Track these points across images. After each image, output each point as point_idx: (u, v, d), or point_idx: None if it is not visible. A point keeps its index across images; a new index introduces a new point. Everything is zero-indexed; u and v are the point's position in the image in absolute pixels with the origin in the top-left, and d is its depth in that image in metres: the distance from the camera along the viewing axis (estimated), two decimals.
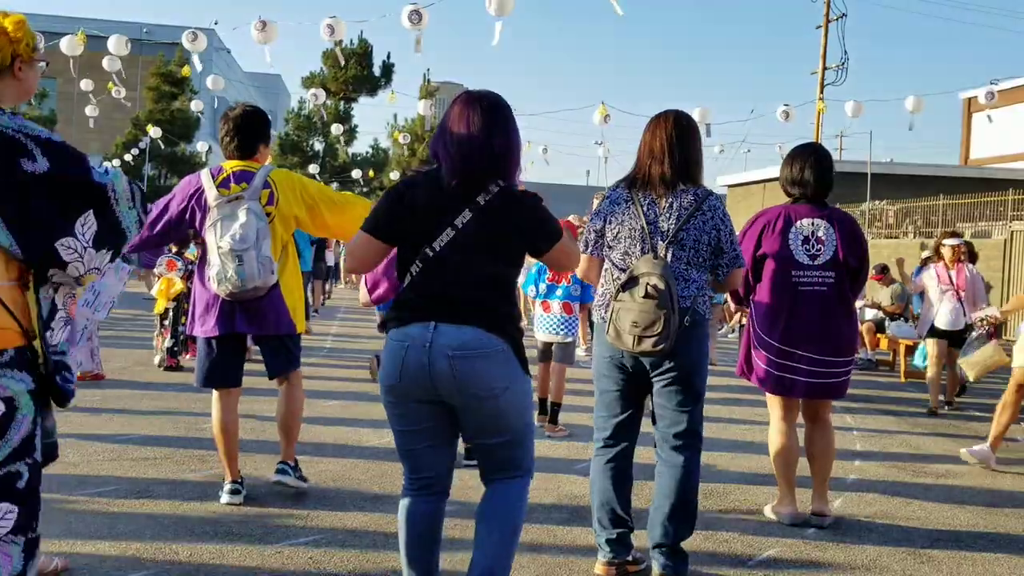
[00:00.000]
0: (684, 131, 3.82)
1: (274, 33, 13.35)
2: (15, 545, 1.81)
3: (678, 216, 3.74)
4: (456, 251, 2.92)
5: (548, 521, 4.51)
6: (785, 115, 18.34)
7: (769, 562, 4.14)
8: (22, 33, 2.79)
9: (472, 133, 2.93)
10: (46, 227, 1.79)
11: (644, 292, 3.63)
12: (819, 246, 4.54)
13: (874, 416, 8.27)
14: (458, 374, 2.88)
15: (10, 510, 1.80)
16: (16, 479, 1.81)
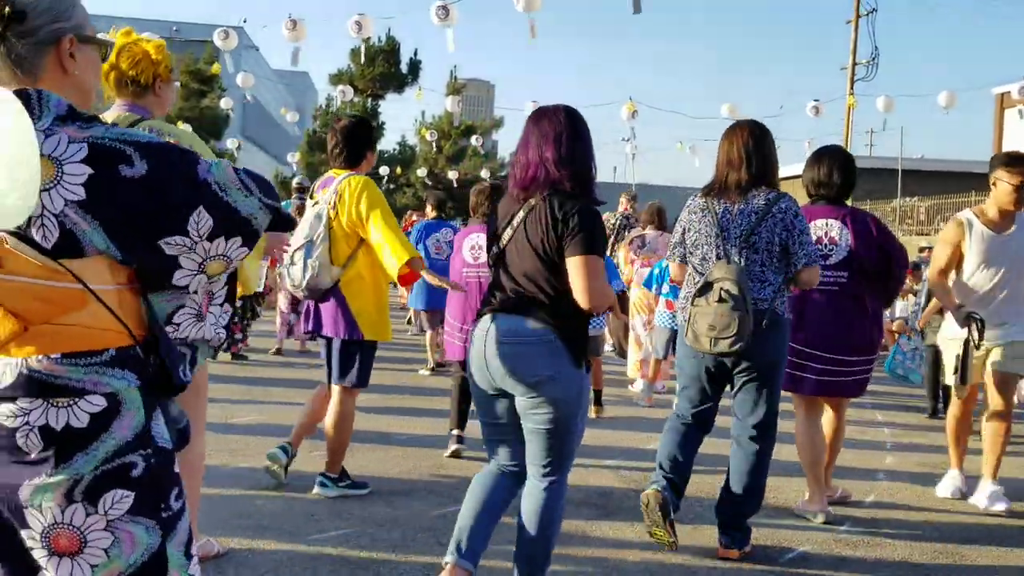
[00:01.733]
0: (759, 139, 4.06)
1: (304, 32, 13.42)
2: (137, 524, 1.91)
3: (749, 221, 3.95)
4: (514, 248, 3.19)
5: (577, 516, 4.51)
6: (815, 111, 18.21)
7: (800, 559, 4.12)
8: (162, 56, 3.30)
9: (530, 148, 3.17)
10: (146, 227, 1.86)
11: (718, 297, 3.85)
12: (832, 246, 4.63)
13: (904, 413, 8.20)
14: (506, 359, 3.09)
15: (125, 495, 1.90)
16: (131, 468, 1.90)
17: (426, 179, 35.63)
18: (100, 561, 1.88)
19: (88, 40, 2.01)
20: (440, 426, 6.60)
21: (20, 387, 1.83)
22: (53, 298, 1.85)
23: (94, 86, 2.07)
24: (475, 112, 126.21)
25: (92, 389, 1.86)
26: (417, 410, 7.18)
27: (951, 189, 24.17)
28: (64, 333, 1.86)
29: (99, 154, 1.84)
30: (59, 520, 1.85)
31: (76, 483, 1.85)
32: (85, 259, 1.86)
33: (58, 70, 1.96)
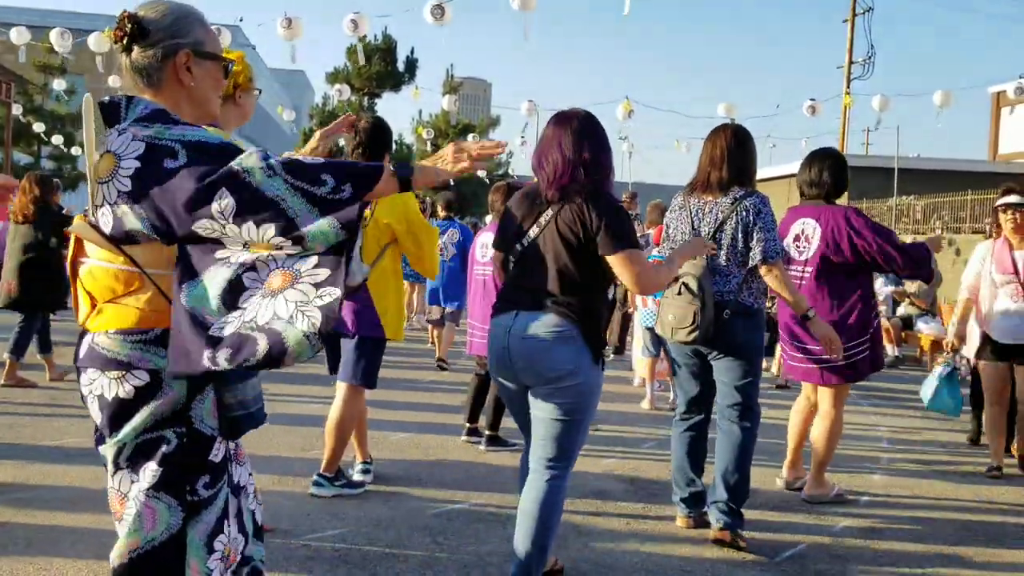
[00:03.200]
0: (741, 142, 4.26)
1: (299, 30, 13.39)
2: (159, 501, 2.05)
3: (715, 218, 4.19)
4: (538, 247, 3.29)
5: (572, 512, 4.50)
6: (811, 110, 18.21)
7: (797, 556, 4.12)
8: (241, 67, 3.32)
9: (564, 152, 3.27)
10: (183, 212, 1.97)
11: (678, 290, 4.10)
12: (806, 243, 4.90)
13: (900, 414, 8.20)
14: (529, 353, 3.21)
15: (154, 469, 2.05)
16: (162, 443, 2.06)
17: None
18: (129, 527, 2.06)
19: (206, 56, 2.20)
20: (435, 422, 6.61)
21: (88, 359, 2.07)
22: (115, 279, 2.07)
23: (213, 98, 2.25)
24: (472, 111, 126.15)
25: (137, 364, 2.04)
26: (413, 404, 7.16)
27: (947, 188, 24.15)
28: (120, 312, 2.06)
29: (152, 150, 2.00)
30: (112, 484, 2.09)
31: (120, 450, 2.07)
32: (140, 245, 2.05)
33: (176, 82, 2.16)
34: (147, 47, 2.13)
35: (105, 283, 2.08)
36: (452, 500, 4.78)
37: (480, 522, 4.42)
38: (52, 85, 29.35)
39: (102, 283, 2.08)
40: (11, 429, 5.92)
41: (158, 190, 1.98)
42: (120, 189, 2.00)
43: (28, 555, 3.68)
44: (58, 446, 5.48)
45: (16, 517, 4.15)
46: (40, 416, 6.39)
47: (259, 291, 1.97)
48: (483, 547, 4.06)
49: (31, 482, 4.71)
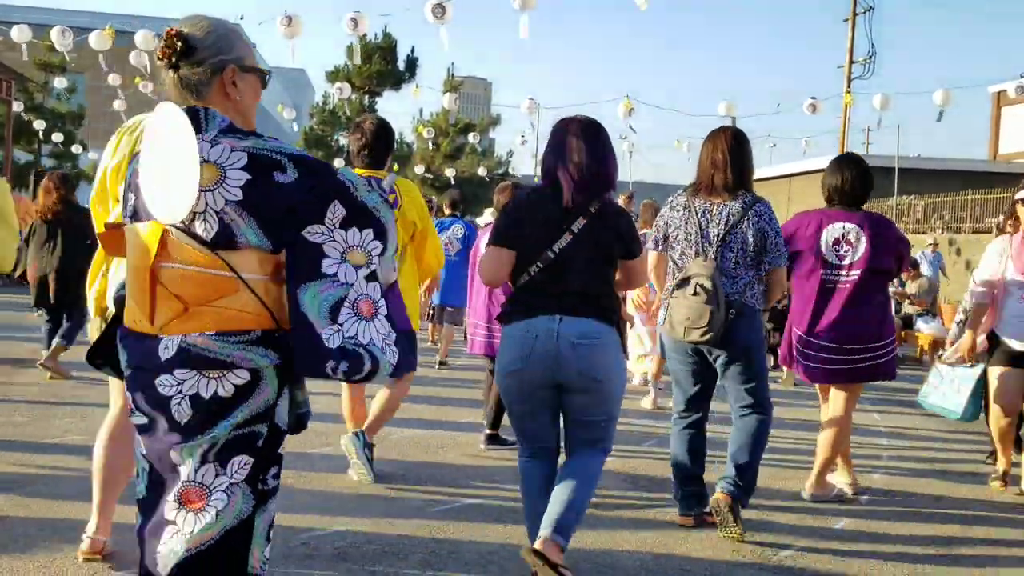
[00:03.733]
0: (741, 144, 4.37)
1: (299, 28, 13.39)
2: (240, 490, 2.17)
3: (726, 221, 4.28)
4: (574, 252, 3.45)
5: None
6: (812, 109, 18.18)
7: (795, 556, 4.13)
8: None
9: (591, 159, 3.48)
10: (294, 220, 2.15)
11: (693, 290, 4.18)
12: (848, 248, 4.91)
13: (901, 414, 8.21)
14: (580, 359, 3.39)
15: (247, 461, 2.17)
16: (256, 438, 2.19)
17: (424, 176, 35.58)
18: (209, 520, 2.15)
19: (248, 69, 2.34)
20: (435, 419, 6.61)
21: (178, 360, 2.12)
22: (206, 283, 2.14)
23: (253, 109, 2.40)
24: (472, 110, 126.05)
25: (240, 363, 2.13)
26: (413, 402, 7.17)
27: (948, 187, 24.18)
28: (219, 314, 2.14)
29: (256, 162, 2.15)
30: (192, 478, 2.15)
31: (213, 446, 2.15)
32: (238, 251, 2.15)
33: (222, 95, 2.29)
34: (195, 64, 2.26)
35: (200, 287, 2.15)
36: (452, 498, 4.79)
37: (480, 520, 4.42)
38: (53, 83, 29.33)
39: (197, 287, 2.15)
40: (14, 427, 5.93)
41: (271, 201, 2.14)
42: (228, 198, 2.12)
43: (29, 553, 3.69)
44: (60, 443, 5.49)
45: (17, 513, 4.15)
46: (42, 413, 6.39)
47: (351, 312, 2.18)
48: (483, 545, 4.07)
49: (33, 478, 4.71)
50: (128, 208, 2.34)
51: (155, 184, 2.18)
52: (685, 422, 4.49)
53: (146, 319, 2.17)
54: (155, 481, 2.24)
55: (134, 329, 2.22)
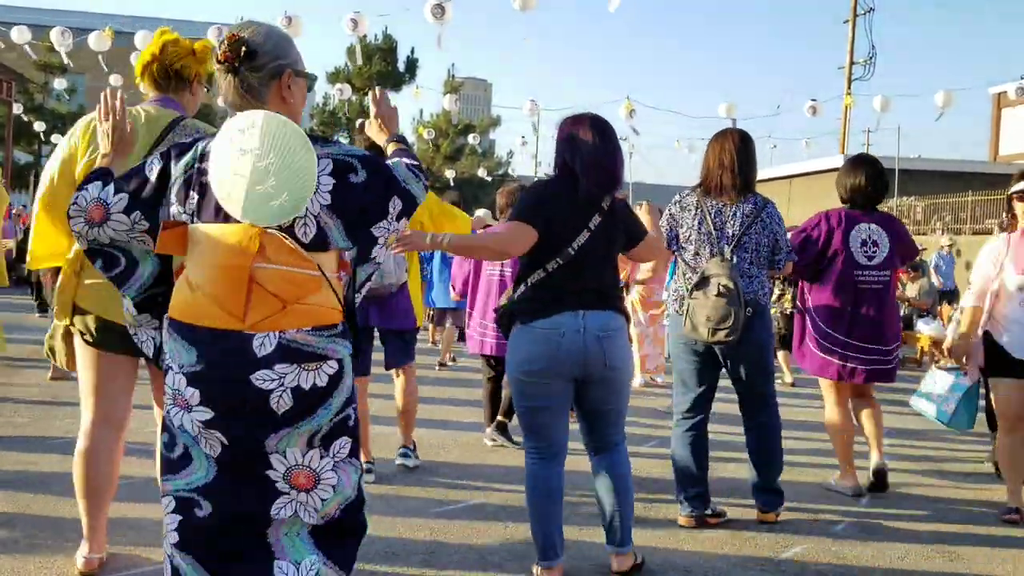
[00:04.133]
0: (746, 145, 4.46)
1: (299, 29, 13.38)
2: (350, 464, 2.42)
3: (741, 222, 4.38)
4: (591, 249, 3.53)
5: (572, 514, 4.50)
6: (812, 110, 18.20)
7: (797, 557, 4.12)
8: (206, 57, 3.47)
9: (605, 154, 3.56)
10: (366, 218, 2.39)
11: (717, 291, 4.23)
12: (875, 248, 5.04)
13: (901, 415, 8.20)
14: (606, 351, 3.52)
15: (346, 442, 2.40)
16: (349, 420, 2.41)
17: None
18: (328, 495, 2.37)
19: (300, 74, 2.46)
20: (435, 418, 6.61)
21: (278, 355, 2.25)
22: (301, 282, 2.29)
23: (301, 111, 2.50)
24: (472, 111, 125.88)
25: (331, 355, 2.32)
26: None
27: (948, 189, 24.16)
28: (312, 311, 2.31)
29: (337, 167, 2.33)
30: (299, 462, 2.32)
31: (316, 432, 2.32)
32: (326, 252, 2.35)
33: (278, 99, 2.41)
34: (256, 68, 2.37)
35: (296, 286, 2.29)
36: (453, 499, 4.78)
37: (481, 520, 4.42)
38: (53, 84, 29.33)
39: (293, 286, 2.28)
40: (15, 427, 5.93)
41: (349, 203, 2.33)
42: (322, 202, 2.30)
43: (30, 553, 3.69)
44: (61, 443, 5.48)
45: (19, 512, 4.15)
46: (43, 413, 6.39)
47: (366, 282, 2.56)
48: (484, 545, 4.07)
49: (34, 478, 4.71)
50: (188, 207, 2.38)
51: (251, 189, 2.26)
52: (688, 423, 4.51)
53: (236, 317, 2.26)
54: (226, 466, 2.34)
55: (211, 326, 2.27)
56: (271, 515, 2.35)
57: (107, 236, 2.48)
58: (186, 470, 2.38)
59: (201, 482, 2.36)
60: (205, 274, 2.31)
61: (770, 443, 4.58)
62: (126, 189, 2.47)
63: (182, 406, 2.33)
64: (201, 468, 2.36)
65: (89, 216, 2.46)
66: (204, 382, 2.29)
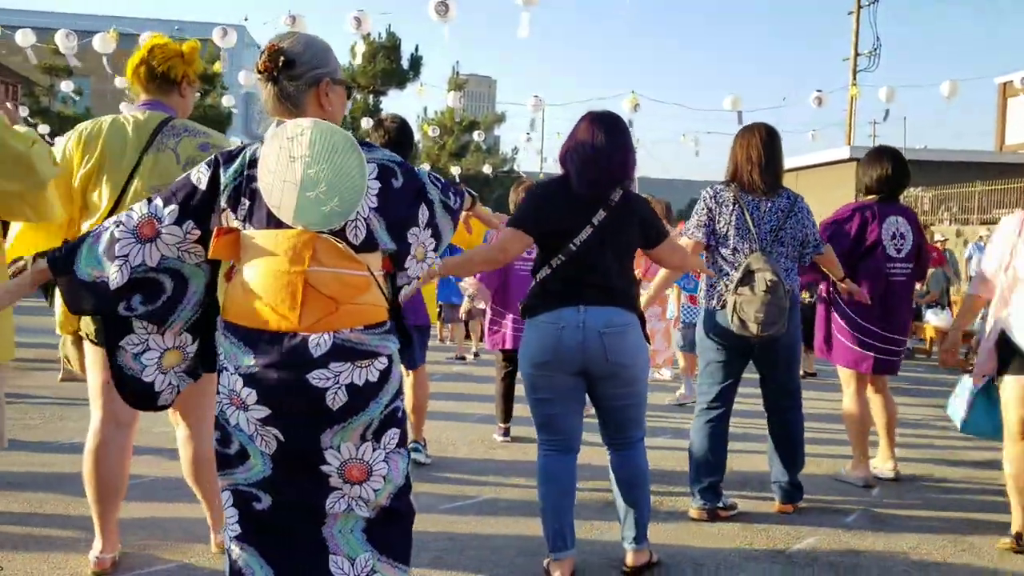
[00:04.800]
0: (773, 139, 4.51)
1: (303, 28, 13.39)
2: (398, 454, 2.49)
3: (777, 217, 4.44)
4: (594, 244, 3.53)
5: (582, 507, 4.51)
6: (818, 101, 18.15)
7: (808, 550, 4.13)
8: (194, 58, 3.50)
9: (596, 151, 3.53)
10: (404, 222, 2.47)
11: (764, 287, 4.26)
12: (902, 241, 5.14)
13: (912, 405, 8.19)
14: (608, 348, 3.51)
15: (396, 433, 2.48)
16: (397, 412, 2.49)
17: None
18: (380, 485, 2.44)
19: (338, 82, 2.53)
20: (447, 411, 6.61)
21: (334, 354, 2.34)
22: (352, 283, 2.38)
23: (340, 118, 2.56)
24: (477, 107, 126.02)
25: (382, 352, 2.42)
26: None
27: (954, 179, 24.09)
28: (363, 310, 2.40)
29: (382, 171, 2.43)
30: (353, 456, 2.41)
31: (368, 426, 2.41)
32: (374, 252, 2.43)
33: (316, 106, 2.47)
34: (294, 77, 2.43)
35: (349, 287, 2.37)
36: (464, 495, 4.79)
37: (493, 515, 4.43)
38: (59, 87, 29.41)
39: (346, 287, 2.37)
40: (28, 429, 5.95)
41: (392, 205, 2.43)
42: (371, 205, 2.39)
43: (44, 552, 3.71)
44: (73, 443, 5.50)
45: (32, 513, 4.17)
46: (54, 414, 6.41)
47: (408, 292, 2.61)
48: (497, 540, 4.07)
49: (47, 479, 4.73)
50: (239, 213, 2.43)
51: (302, 195, 2.32)
52: (711, 415, 4.53)
53: (291, 319, 2.34)
54: (281, 461, 2.41)
55: (267, 329, 2.35)
56: (326, 509, 2.44)
57: (157, 255, 2.47)
58: (243, 466, 2.45)
59: (259, 476, 2.44)
60: (259, 279, 2.37)
61: (794, 436, 4.63)
62: (176, 200, 2.47)
63: (238, 405, 2.39)
64: (258, 464, 2.43)
65: (140, 233, 2.45)
66: (261, 382, 2.35)
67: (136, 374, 2.61)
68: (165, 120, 3.37)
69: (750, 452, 5.86)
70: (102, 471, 3.41)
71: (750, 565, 3.91)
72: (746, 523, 4.45)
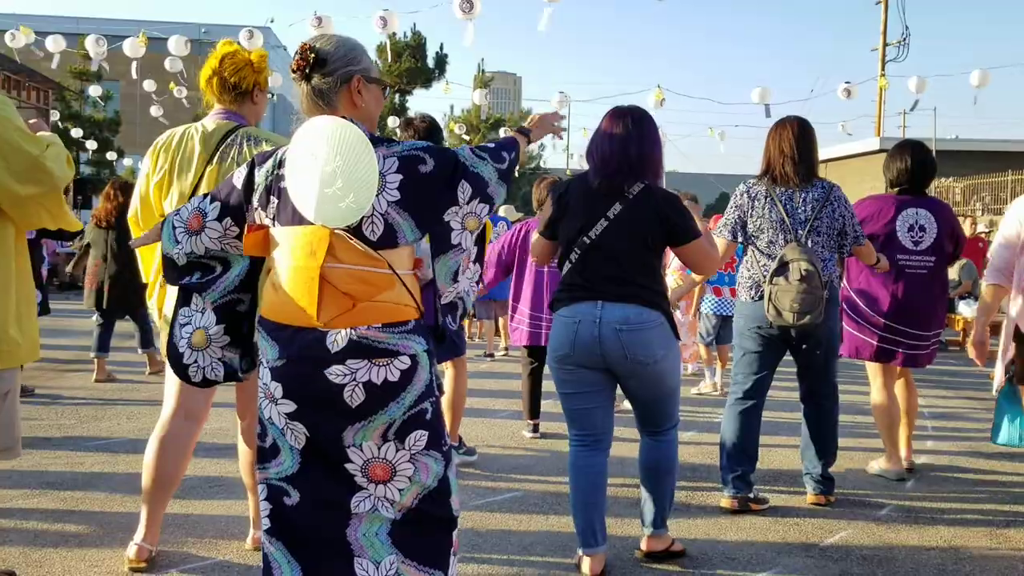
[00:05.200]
0: (805, 132, 4.52)
1: (330, 28, 13.45)
2: (429, 456, 2.46)
3: (812, 207, 4.45)
4: (610, 238, 3.50)
5: (609, 512, 4.51)
6: (847, 93, 17.96)
7: (841, 543, 4.10)
8: (264, 66, 3.61)
9: (613, 144, 3.53)
10: (437, 205, 2.47)
11: (799, 276, 4.26)
12: (922, 233, 5.06)
13: (945, 397, 8.11)
14: (625, 345, 3.46)
15: (422, 434, 2.44)
16: (424, 414, 2.45)
17: None
18: (405, 486, 2.44)
19: (373, 80, 2.57)
20: (477, 410, 6.63)
21: (350, 351, 2.36)
22: (372, 280, 2.39)
23: (376, 115, 2.62)
24: (502, 105, 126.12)
25: (403, 351, 2.40)
26: None
27: (986, 168, 23.79)
28: (383, 308, 2.40)
29: (405, 162, 2.43)
30: (376, 455, 2.42)
31: (390, 426, 2.40)
32: (396, 249, 2.43)
33: (350, 104, 2.53)
34: (326, 74, 2.50)
35: (366, 284, 2.39)
36: (494, 490, 4.80)
37: (522, 512, 4.43)
38: (88, 91, 29.74)
39: (363, 284, 2.39)
40: (63, 428, 6.04)
41: (420, 193, 2.42)
42: (390, 200, 2.40)
43: (80, 550, 3.76)
44: (108, 442, 5.58)
45: (69, 511, 4.23)
46: (89, 414, 6.50)
47: (463, 269, 2.59)
48: (526, 536, 4.08)
49: (83, 478, 4.80)
50: (269, 211, 2.52)
51: (321, 192, 2.37)
52: (745, 404, 4.54)
53: (311, 315, 2.38)
54: (309, 457, 2.46)
55: (292, 324, 2.42)
56: (351, 508, 2.45)
57: (203, 246, 2.64)
58: (276, 460, 2.50)
59: (289, 472, 2.48)
60: (283, 275, 2.45)
61: (830, 427, 4.64)
62: (219, 198, 2.64)
63: (270, 399, 2.47)
64: (288, 459, 2.48)
65: (189, 225, 2.64)
66: (286, 376, 2.42)
67: (175, 340, 2.73)
68: (232, 130, 3.49)
69: (781, 447, 5.84)
70: (161, 462, 3.50)
71: (783, 559, 3.89)
72: (777, 517, 4.43)
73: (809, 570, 3.78)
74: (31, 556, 3.67)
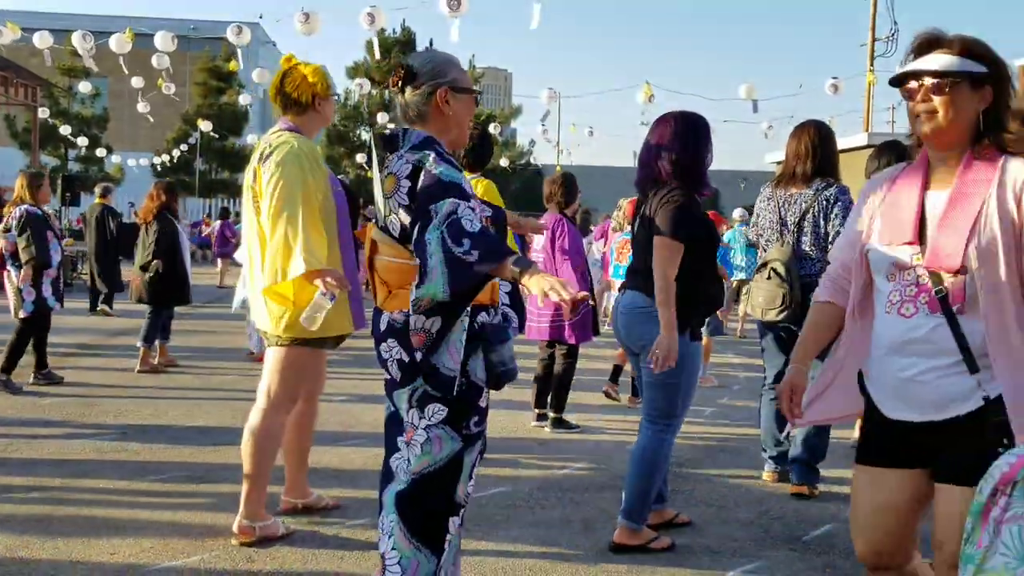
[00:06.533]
0: (824, 137, 4.73)
1: (317, 24, 13.41)
2: (444, 431, 2.67)
3: (799, 208, 4.65)
4: (640, 234, 3.90)
5: (601, 500, 4.53)
6: (834, 88, 18.01)
7: (825, 536, 4.15)
8: (318, 77, 3.93)
9: (650, 147, 3.88)
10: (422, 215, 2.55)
11: (767, 275, 4.60)
12: None
13: None
14: (624, 328, 3.91)
15: (441, 409, 2.66)
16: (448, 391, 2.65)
17: None
18: (418, 453, 2.68)
19: (461, 90, 2.79)
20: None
21: (388, 332, 2.70)
22: (399, 270, 2.70)
23: (467, 123, 2.87)
24: (493, 101, 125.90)
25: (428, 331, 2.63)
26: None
27: None
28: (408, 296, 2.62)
29: (415, 170, 2.63)
30: (407, 419, 2.71)
31: (414, 393, 2.68)
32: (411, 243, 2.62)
33: (439, 114, 2.76)
34: (416, 88, 2.75)
35: (398, 274, 2.69)
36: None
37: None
38: (77, 88, 29.59)
39: (396, 275, 2.70)
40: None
41: (419, 199, 2.57)
42: (401, 202, 2.64)
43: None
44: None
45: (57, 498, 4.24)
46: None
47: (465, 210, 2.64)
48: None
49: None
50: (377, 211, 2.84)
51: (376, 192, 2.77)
52: (773, 393, 4.74)
53: (376, 298, 2.77)
54: (390, 419, 2.80)
55: (375, 305, 2.78)
56: (392, 467, 2.76)
57: None
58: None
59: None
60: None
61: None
62: None
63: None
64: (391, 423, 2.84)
65: None
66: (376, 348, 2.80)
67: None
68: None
69: None
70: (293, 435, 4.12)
71: (767, 552, 3.92)
72: (761, 511, 4.47)
73: (792, 563, 3.82)
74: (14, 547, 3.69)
